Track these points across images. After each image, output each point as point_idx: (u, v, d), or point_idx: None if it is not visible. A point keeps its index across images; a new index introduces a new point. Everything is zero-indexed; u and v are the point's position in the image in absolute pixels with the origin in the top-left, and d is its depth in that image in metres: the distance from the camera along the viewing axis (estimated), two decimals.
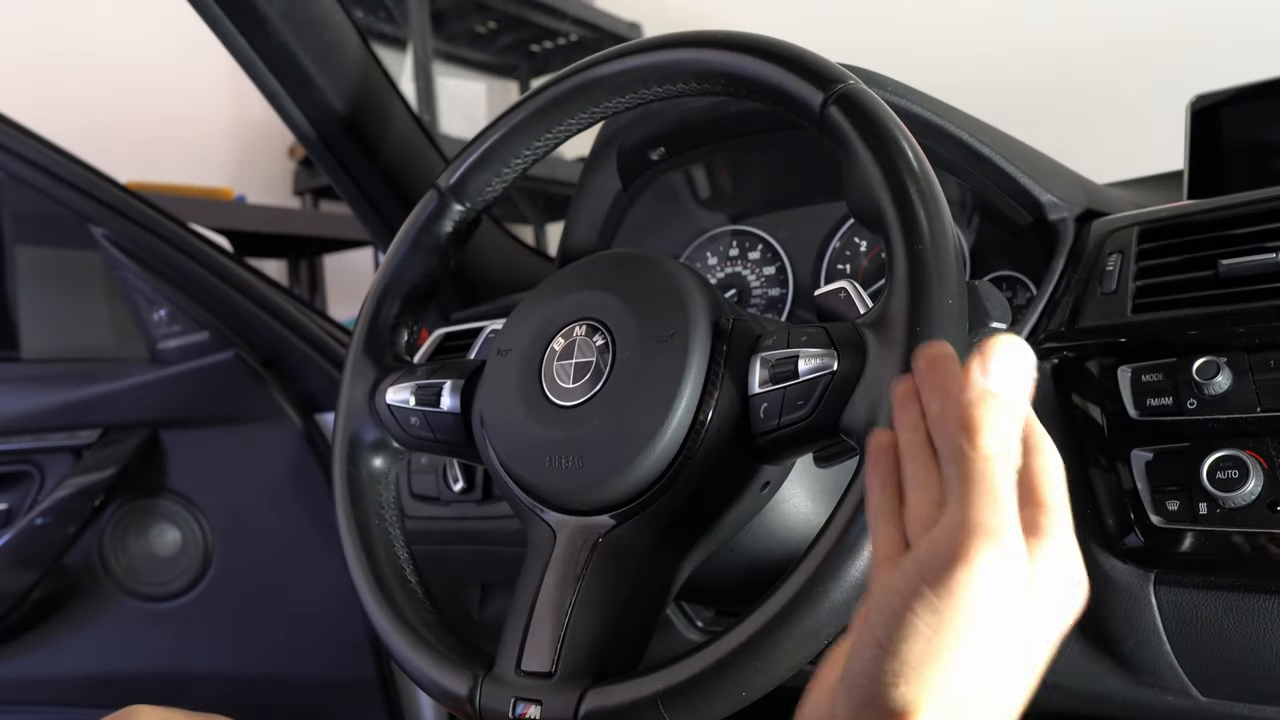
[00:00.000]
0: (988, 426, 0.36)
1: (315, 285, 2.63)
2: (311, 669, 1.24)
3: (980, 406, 0.36)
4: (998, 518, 0.35)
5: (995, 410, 0.36)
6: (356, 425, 0.66)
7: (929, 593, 0.35)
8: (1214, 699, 0.64)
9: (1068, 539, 0.38)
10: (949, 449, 0.37)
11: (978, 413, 0.36)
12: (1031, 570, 0.36)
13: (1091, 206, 0.76)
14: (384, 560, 0.62)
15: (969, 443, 0.36)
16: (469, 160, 0.67)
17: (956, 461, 0.37)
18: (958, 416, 0.37)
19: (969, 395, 0.37)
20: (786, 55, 0.55)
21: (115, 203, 1.18)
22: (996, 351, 0.37)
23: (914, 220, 0.49)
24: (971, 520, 0.35)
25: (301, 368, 1.20)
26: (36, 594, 1.19)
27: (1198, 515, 0.60)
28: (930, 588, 0.35)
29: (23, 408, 1.25)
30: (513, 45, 2.93)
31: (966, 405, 0.37)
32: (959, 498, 0.36)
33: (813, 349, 0.50)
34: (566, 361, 0.57)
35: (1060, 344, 0.68)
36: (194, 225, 1.25)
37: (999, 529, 0.35)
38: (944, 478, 0.38)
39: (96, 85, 2.27)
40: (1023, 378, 0.37)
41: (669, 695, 0.47)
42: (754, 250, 0.96)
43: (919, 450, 0.40)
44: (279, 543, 1.22)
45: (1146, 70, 1.96)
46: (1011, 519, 0.36)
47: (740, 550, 0.60)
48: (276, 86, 0.98)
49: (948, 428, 0.38)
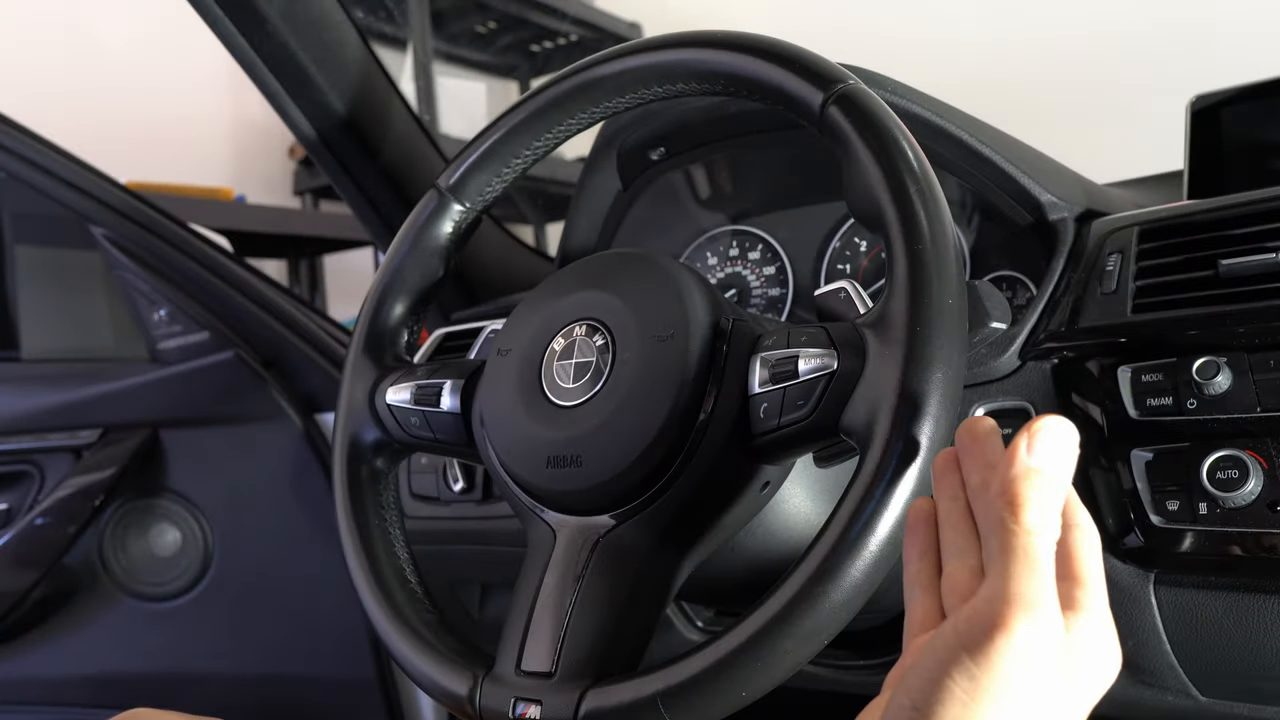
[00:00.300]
0: (1030, 502, 0.37)
1: (315, 285, 2.63)
2: (311, 669, 1.24)
3: (1024, 482, 0.37)
4: (1037, 590, 0.36)
5: (1038, 486, 0.38)
6: (356, 425, 0.66)
7: (967, 660, 0.36)
8: (1214, 699, 0.64)
9: (1103, 613, 0.40)
10: (991, 521, 0.39)
11: (1021, 488, 0.37)
12: (1067, 642, 0.38)
13: (1091, 206, 0.76)
14: (384, 560, 0.62)
15: (1012, 517, 0.37)
16: (469, 160, 0.67)
17: (998, 534, 0.38)
18: (1001, 490, 0.38)
19: (1014, 471, 0.38)
20: (786, 55, 0.55)
21: (115, 203, 1.18)
22: (1042, 430, 0.38)
23: (914, 220, 0.49)
24: (1011, 591, 0.36)
25: (301, 368, 1.20)
26: (36, 594, 1.19)
27: (1198, 515, 0.60)
28: (969, 655, 0.36)
29: (23, 408, 1.24)
30: (513, 45, 2.93)
31: (1011, 480, 0.38)
32: (1000, 569, 0.37)
33: (813, 349, 0.50)
34: (566, 361, 0.57)
35: (1060, 344, 0.68)
36: (194, 225, 1.25)
37: (1038, 601, 0.36)
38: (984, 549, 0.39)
39: (97, 85, 2.27)
40: (1067, 456, 0.38)
41: (669, 695, 0.47)
42: (754, 250, 0.96)
43: (959, 520, 0.42)
44: (279, 543, 1.22)
45: (1146, 70, 1.96)
46: (1050, 592, 0.37)
47: (740, 550, 0.60)
48: (276, 86, 0.98)
49: (990, 500, 0.39)
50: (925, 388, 0.46)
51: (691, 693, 0.47)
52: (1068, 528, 0.40)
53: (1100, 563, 0.40)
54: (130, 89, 2.33)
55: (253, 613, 1.24)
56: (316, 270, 2.64)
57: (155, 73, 2.38)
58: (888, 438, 0.45)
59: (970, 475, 0.42)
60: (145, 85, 2.36)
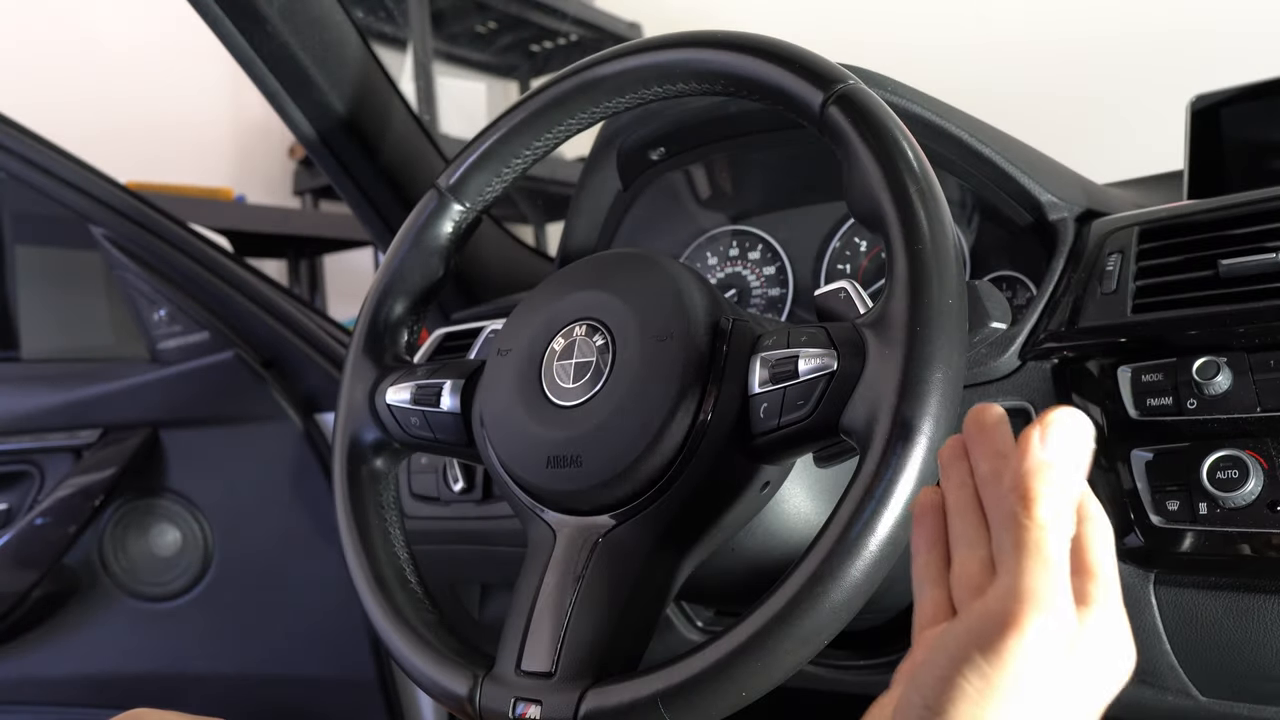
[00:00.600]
0: (1043, 496, 0.37)
1: (315, 285, 2.63)
2: (311, 669, 1.24)
3: (1037, 476, 0.37)
4: (1050, 586, 0.36)
5: (1051, 480, 0.37)
6: (356, 425, 0.66)
7: (979, 657, 0.36)
8: (1214, 699, 0.64)
9: (1116, 608, 0.39)
10: (1003, 515, 0.38)
11: (1034, 483, 0.37)
12: (1080, 638, 0.37)
13: (1091, 206, 0.76)
14: (384, 560, 0.62)
15: (1024, 511, 0.37)
16: (469, 160, 0.67)
17: (1010, 529, 0.37)
18: (1014, 484, 0.37)
19: (1026, 464, 0.37)
20: (786, 55, 0.55)
21: (115, 203, 1.18)
22: (1055, 422, 0.38)
23: (914, 220, 0.49)
24: (1024, 588, 0.36)
25: (301, 368, 1.20)
26: (36, 594, 1.19)
27: (1198, 515, 0.60)
28: (980, 653, 0.36)
29: (23, 408, 1.25)
30: (513, 45, 2.93)
31: (1024, 475, 0.37)
32: (1012, 565, 0.37)
33: (813, 349, 0.50)
34: (566, 361, 0.57)
35: (1060, 344, 0.68)
36: (194, 225, 1.25)
37: (1050, 597, 0.36)
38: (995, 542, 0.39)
39: (97, 85, 2.27)
40: (1080, 450, 0.38)
41: (669, 695, 0.47)
42: (754, 250, 0.96)
43: (967, 508, 0.41)
44: (279, 543, 1.22)
45: (1146, 70, 1.96)
46: (1063, 588, 0.37)
47: (740, 550, 0.60)
48: (276, 86, 0.98)
49: (1002, 493, 0.38)
50: (925, 388, 0.46)
51: (691, 693, 0.47)
52: (1080, 520, 0.39)
53: (1114, 557, 0.40)
54: (131, 89, 2.33)
55: (252, 613, 1.24)
56: (316, 270, 2.64)
57: (155, 73, 2.38)
58: (888, 438, 0.45)
59: (979, 464, 0.41)
60: (146, 85, 2.37)
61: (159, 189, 1.99)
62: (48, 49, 2.21)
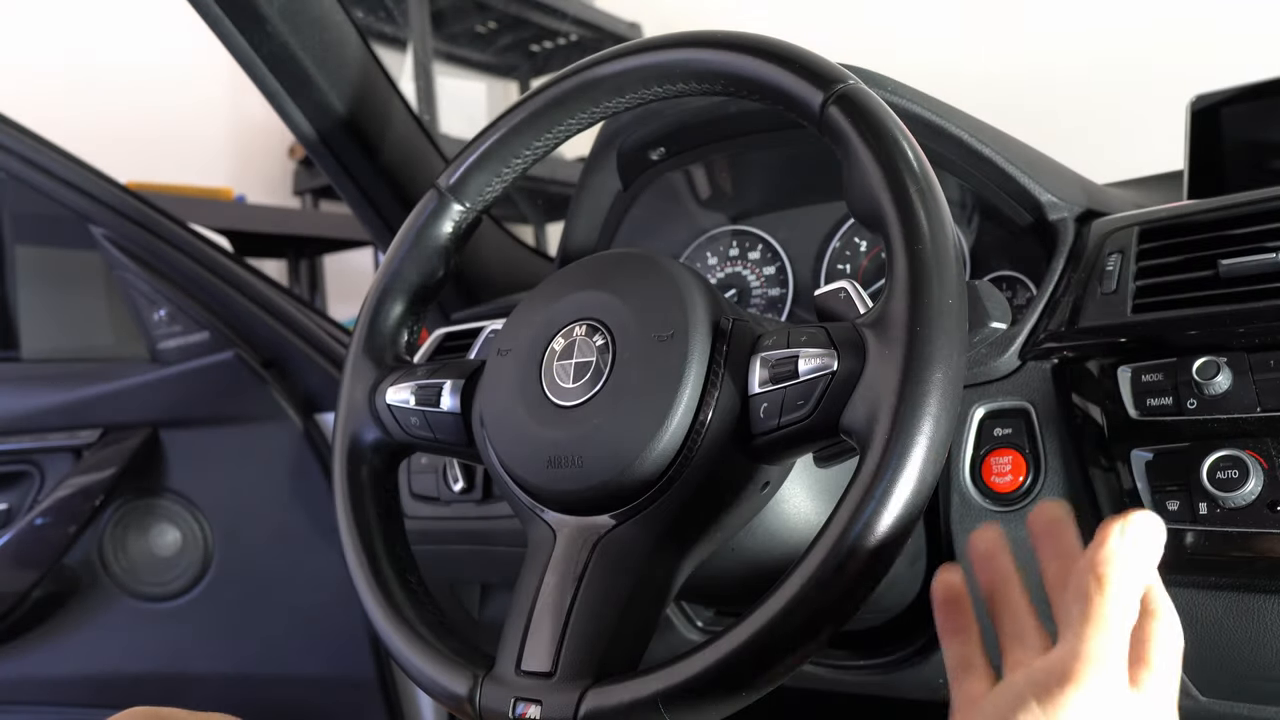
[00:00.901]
0: (1117, 580, 0.41)
1: (315, 285, 2.63)
2: (311, 668, 1.24)
3: (1113, 563, 0.41)
4: (1107, 650, 0.39)
5: (1125, 567, 0.41)
6: (356, 425, 0.65)
7: (1036, 707, 0.38)
8: (1214, 699, 0.64)
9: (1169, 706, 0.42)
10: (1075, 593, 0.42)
11: (1110, 568, 0.41)
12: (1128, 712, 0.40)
13: (1091, 206, 0.76)
14: (384, 560, 0.62)
15: (1097, 589, 0.41)
16: (469, 160, 0.67)
17: (1080, 602, 0.41)
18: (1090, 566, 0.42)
19: (1105, 551, 0.42)
20: (786, 55, 0.55)
21: (115, 203, 1.18)
22: (1134, 520, 0.42)
23: (914, 220, 0.49)
24: (1084, 650, 0.39)
25: (301, 368, 1.20)
26: (36, 594, 1.19)
27: (1198, 515, 0.60)
28: (1038, 703, 0.38)
29: (23, 408, 1.25)
30: (513, 45, 2.93)
31: (1101, 560, 0.41)
32: (1077, 631, 0.40)
33: (813, 349, 0.50)
34: (566, 361, 0.57)
35: (1060, 344, 0.68)
36: (194, 225, 1.25)
37: (1107, 659, 0.39)
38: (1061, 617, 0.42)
39: (97, 85, 2.27)
40: (1154, 548, 0.43)
41: (669, 695, 0.47)
42: (754, 250, 0.96)
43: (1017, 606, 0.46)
44: (279, 543, 1.22)
45: (1146, 70, 1.96)
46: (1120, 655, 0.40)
47: (740, 550, 0.60)
48: (276, 86, 0.98)
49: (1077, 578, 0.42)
50: (925, 388, 0.46)
51: (691, 693, 0.47)
52: (1146, 615, 0.43)
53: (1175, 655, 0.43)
54: (130, 89, 2.33)
55: (253, 613, 1.24)
56: (316, 270, 2.64)
57: (155, 73, 2.38)
58: (888, 438, 0.45)
59: (1047, 566, 0.45)
60: (145, 85, 2.36)
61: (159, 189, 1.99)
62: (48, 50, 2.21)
